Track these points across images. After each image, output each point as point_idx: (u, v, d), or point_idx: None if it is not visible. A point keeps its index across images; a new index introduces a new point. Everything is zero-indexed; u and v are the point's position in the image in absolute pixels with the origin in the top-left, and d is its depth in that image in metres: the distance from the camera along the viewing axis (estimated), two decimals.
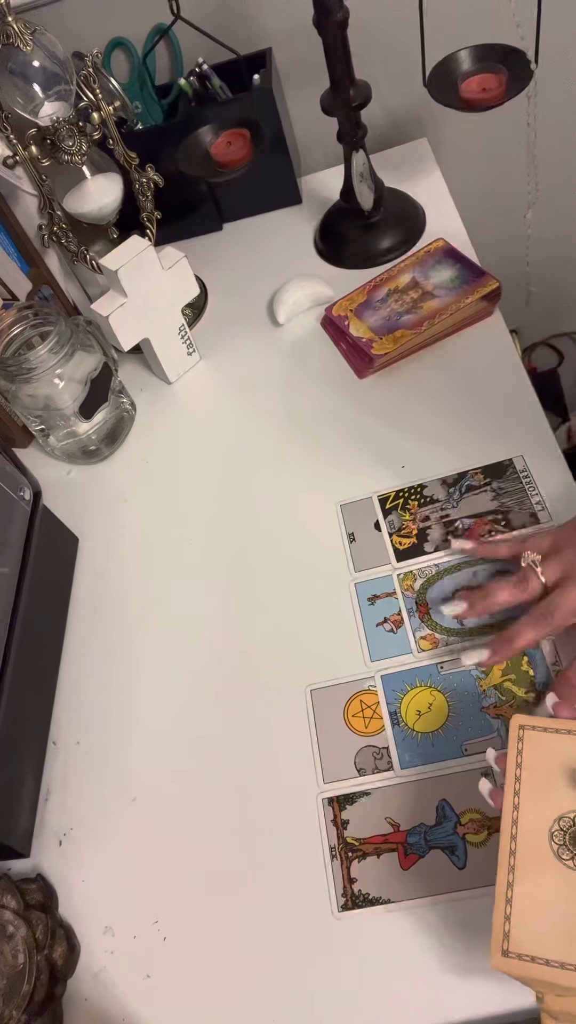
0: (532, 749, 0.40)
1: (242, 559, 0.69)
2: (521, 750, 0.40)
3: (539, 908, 0.35)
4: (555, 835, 0.37)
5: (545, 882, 0.36)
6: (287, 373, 0.82)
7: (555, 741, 0.40)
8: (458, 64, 0.75)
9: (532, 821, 0.38)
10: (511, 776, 0.39)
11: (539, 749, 0.40)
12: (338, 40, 0.72)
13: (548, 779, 0.39)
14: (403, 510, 0.67)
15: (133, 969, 0.52)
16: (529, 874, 0.36)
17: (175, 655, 0.65)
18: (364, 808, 0.53)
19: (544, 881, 0.36)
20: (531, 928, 0.35)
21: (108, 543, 0.75)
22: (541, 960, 0.34)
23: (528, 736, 0.40)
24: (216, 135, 0.82)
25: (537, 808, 0.38)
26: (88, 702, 0.65)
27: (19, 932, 0.50)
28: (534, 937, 0.35)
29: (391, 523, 0.66)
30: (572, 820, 0.37)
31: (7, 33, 0.67)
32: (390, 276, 0.82)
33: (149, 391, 0.86)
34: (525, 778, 0.39)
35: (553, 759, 0.39)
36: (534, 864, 0.36)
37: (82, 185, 0.79)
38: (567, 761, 0.39)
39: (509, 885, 0.36)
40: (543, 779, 0.39)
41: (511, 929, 0.35)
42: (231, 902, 0.52)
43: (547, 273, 1.06)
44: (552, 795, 0.38)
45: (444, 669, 0.57)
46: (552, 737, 0.40)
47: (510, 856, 0.37)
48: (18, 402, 0.74)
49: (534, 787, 0.39)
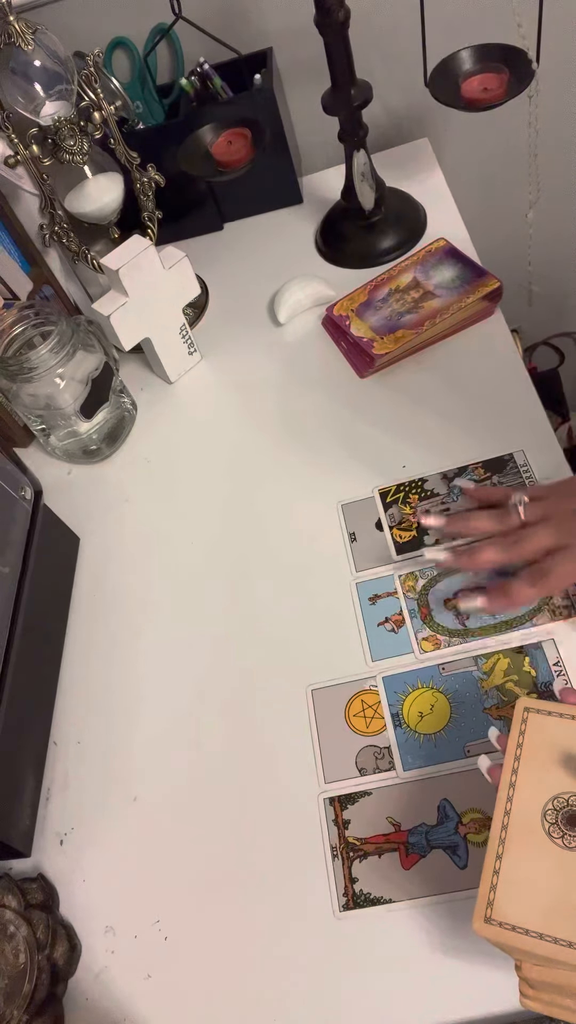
0: (534, 731, 0.41)
1: (243, 558, 0.69)
2: (524, 731, 0.41)
3: (524, 881, 0.37)
4: (548, 814, 0.38)
5: (532, 858, 0.37)
6: (288, 373, 0.82)
7: (558, 725, 0.41)
8: (459, 64, 0.75)
9: (527, 799, 0.39)
10: (511, 755, 0.40)
11: (541, 732, 0.41)
12: (339, 40, 0.72)
13: (547, 761, 0.40)
14: (404, 503, 0.67)
15: (134, 969, 0.52)
16: (518, 849, 0.38)
17: (176, 655, 0.65)
18: (365, 808, 0.53)
19: (532, 856, 0.37)
20: (514, 899, 0.37)
21: (109, 543, 0.75)
22: (521, 930, 0.36)
23: (532, 719, 0.41)
24: (217, 135, 0.82)
25: (533, 787, 0.39)
26: (89, 702, 0.65)
27: (20, 932, 0.50)
28: (516, 908, 0.36)
29: (391, 516, 0.66)
30: (566, 801, 0.38)
31: (8, 32, 0.67)
32: (391, 276, 0.82)
33: (150, 391, 0.86)
34: (524, 758, 0.40)
35: (553, 742, 0.40)
36: (524, 840, 0.38)
37: (83, 185, 0.79)
38: (567, 746, 0.40)
39: (498, 857, 0.38)
40: (542, 761, 0.40)
41: (495, 898, 0.37)
42: (232, 902, 0.52)
43: (549, 273, 1.06)
44: (549, 776, 0.39)
45: (446, 670, 0.57)
46: (555, 721, 0.41)
47: (502, 830, 0.38)
48: (19, 402, 0.74)
49: (532, 767, 0.40)
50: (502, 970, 0.45)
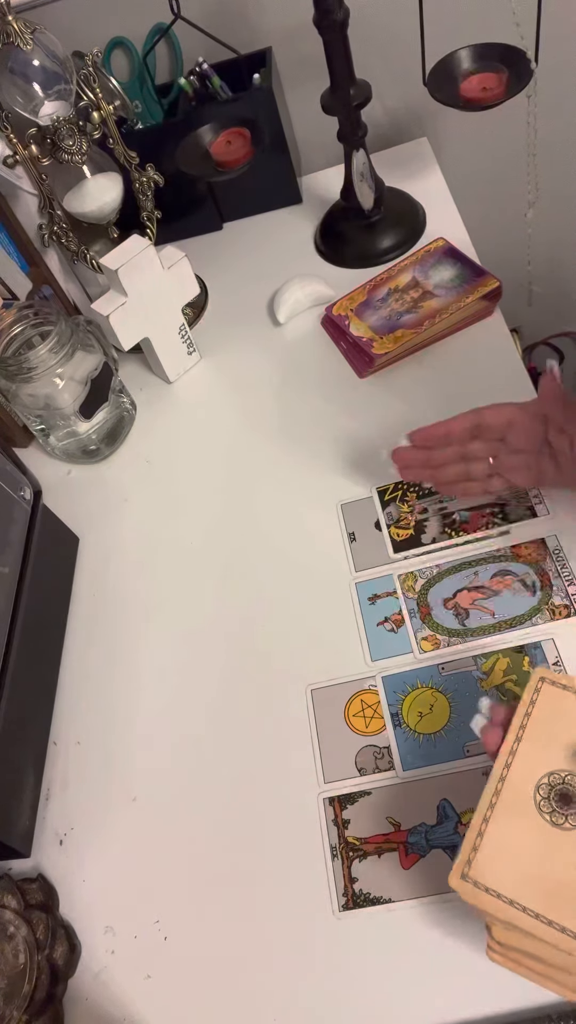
0: (545, 703, 0.41)
1: (242, 558, 0.69)
2: (535, 700, 0.41)
3: (506, 847, 0.38)
4: (541, 788, 0.39)
5: (518, 826, 0.38)
6: (287, 373, 0.82)
7: (569, 700, 0.41)
8: (458, 63, 0.75)
9: (524, 770, 0.39)
10: (517, 723, 0.41)
11: (551, 705, 0.41)
12: (338, 39, 0.72)
13: (551, 735, 0.40)
14: (401, 502, 0.67)
15: (134, 969, 0.52)
16: (506, 816, 0.38)
17: (175, 655, 0.65)
18: (365, 808, 0.53)
19: (517, 826, 0.38)
20: (493, 862, 0.37)
21: (108, 543, 0.75)
22: (493, 892, 0.37)
23: (545, 689, 0.41)
24: (216, 134, 0.82)
25: (532, 759, 0.39)
26: (88, 702, 0.65)
27: (20, 932, 0.50)
28: (493, 871, 0.37)
29: (389, 515, 0.66)
30: (562, 779, 0.38)
31: (7, 32, 0.67)
32: (390, 275, 0.82)
33: (149, 390, 0.86)
34: (530, 727, 0.40)
35: (561, 718, 0.40)
36: (514, 808, 0.38)
37: (82, 184, 0.79)
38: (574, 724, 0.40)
39: (485, 820, 0.38)
40: (546, 734, 0.40)
41: (475, 857, 0.38)
42: (232, 902, 0.52)
43: (548, 272, 1.06)
44: (550, 751, 0.39)
45: (445, 670, 0.57)
46: (567, 696, 0.41)
47: (494, 795, 0.39)
48: (18, 402, 0.74)
49: (535, 739, 0.40)
50: (502, 970, 0.45)
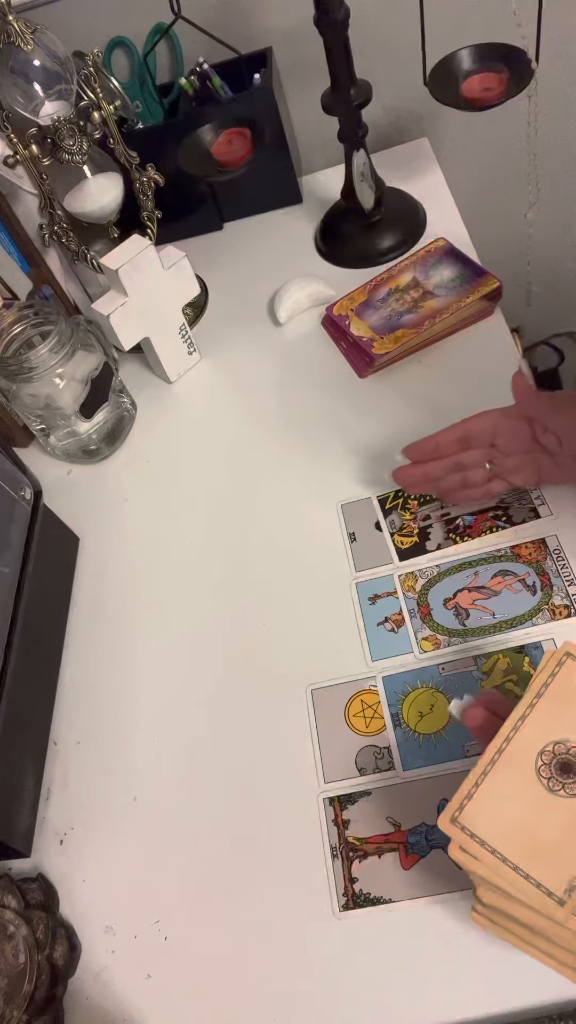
0: (566, 677, 0.41)
1: (242, 558, 0.69)
2: (556, 673, 0.41)
3: (499, 802, 0.39)
4: (544, 754, 0.39)
5: (516, 785, 0.39)
6: (287, 373, 0.82)
7: None
8: (459, 63, 0.75)
9: (530, 735, 0.40)
10: (533, 692, 0.41)
11: (571, 680, 0.41)
12: (339, 39, 0.72)
13: (565, 708, 0.40)
14: (403, 509, 0.67)
15: (134, 969, 0.52)
16: (505, 774, 0.39)
17: (175, 654, 0.65)
18: (365, 808, 0.53)
19: (514, 785, 0.39)
20: (484, 813, 0.38)
21: (109, 543, 0.75)
22: (478, 839, 0.38)
23: (569, 664, 0.42)
24: (217, 134, 0.82)
25: (541, 726, 0.40)
26: (88, 701, 0.65)
27: (20, 932, 0.50)
28: (483, 820, 0.38)
29: (392, 523, 0.66)
30: (567, 748, 0.39)
31: (8, 32, 0.67)
32: (391, 275, 0.82)
33: (150, 390, 0.86)
34: (547, 696, 0.41)
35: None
36: (513, 768, 0.39)
37: (83, 184, 0.79)
38: None
39: (484, 773, 0.39)
40: (561, 707, 0.41)
41: (468, 804, 0.39)
42: (232, 902, 0.52)
43: (548, 272, 1.06)
44: (560, 723, 0.40)
45: (445, 670, 0.57)
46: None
47: (496, 752, 0.40)
48: (19, 401, 0.74)
49: (548, 708, 0.41)
50: (502, 970, 0.45)
